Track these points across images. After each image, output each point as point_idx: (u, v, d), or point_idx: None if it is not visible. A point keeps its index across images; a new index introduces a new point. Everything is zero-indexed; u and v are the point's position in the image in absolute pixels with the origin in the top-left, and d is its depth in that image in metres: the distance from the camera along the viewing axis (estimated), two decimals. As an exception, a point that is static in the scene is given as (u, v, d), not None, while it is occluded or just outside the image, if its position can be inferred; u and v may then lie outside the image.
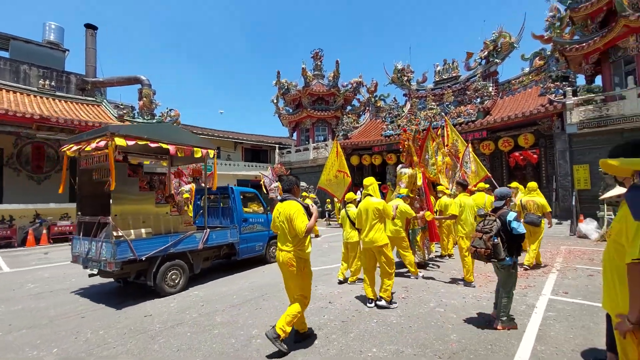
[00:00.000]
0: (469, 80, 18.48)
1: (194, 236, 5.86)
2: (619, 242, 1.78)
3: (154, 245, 5.23)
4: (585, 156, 12.47)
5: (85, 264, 5.44)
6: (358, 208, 4.92)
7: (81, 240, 5.52)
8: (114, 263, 4.73)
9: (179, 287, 5.53)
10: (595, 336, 3.36)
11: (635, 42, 11.45)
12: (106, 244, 4.90)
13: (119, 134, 4.86)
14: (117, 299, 5.15)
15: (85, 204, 6.01)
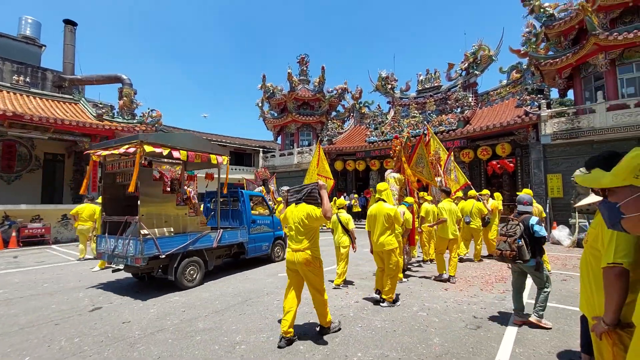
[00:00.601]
0: (450, 90, 19.06)
1: (209, 235, 6.44)
2: (595, 248, 1.89)
3: (175, 243, 5.77)
4: (559, 166, 13.07)
5: (110, 260, 5.90)
6: (370, 211, 5.11)
7: (107, 238, 6.00)
8: (142, 258, 5.22)
9: (196, 281, 6.03)
10: (569, 338, 3.50)
11: (604, 59, 12.15)
12: (134, 241, 5.38)
13: (148, 142, 5.41)
14: (93, 305, 4.95)
15: (109, 205, 6.55)
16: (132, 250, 5.39)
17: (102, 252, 6.09)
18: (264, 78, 23.50)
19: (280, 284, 6.01)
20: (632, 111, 11.41)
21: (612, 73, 12.43)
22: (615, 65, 12.36)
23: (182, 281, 5.80)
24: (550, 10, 13.65)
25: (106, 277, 6.78)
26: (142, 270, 5.76)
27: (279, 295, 5.31)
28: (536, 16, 13.84)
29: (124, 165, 6.30)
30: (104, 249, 6.02)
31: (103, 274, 7.10)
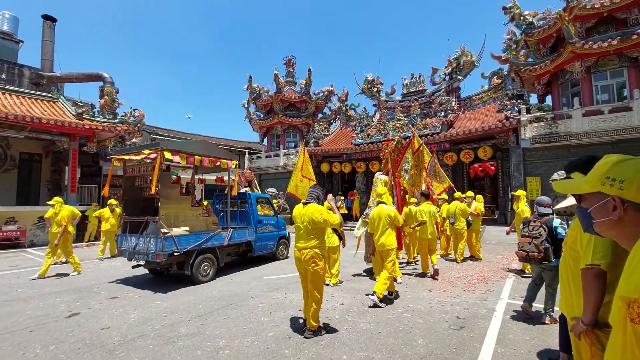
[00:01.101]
0: (434, 94, 19.41)
1: (220, 234, 6.93)
2: (574, 249, 1.95)
3: (191, 241, 6.28)
4: (537, 169, 13.49)
5: (130, 257, 6.42)
6: (372, 215, 5.36)
7: (127, 237, 6.45)
8: (162, 254, 5.72)
9: (209, 276, 6.54)
10: (548, 337, 3.61)
11: (581, 67, 12.65)
12: (155, 239, 5.88)
13: (167, 149, 6.00)
14: (70, 311, 4.77)
15: (129, 206, 7.11)
16: (153, 248, 5.89)
17: (123, 249, 6.53)
18: (250, 79, 23.35)
19: (266, 287, 5.96)
20: (607, 117, 11.91)
21: (588, 80, 12.96)
22: (591, 73, 12.89)
23: (198, 276, 6.32)
24: (530, 19, 14.12)
25: (83, 282, 6.56)
26: (161, 266, 6.27)
27: (264, 298, 5.26)
28: (516, 24, 14.29)
29: (144, 170, 6.96)
30: (125, 247, 6.47)
31: (76, 280, 6.86)
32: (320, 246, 3.83)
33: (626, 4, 11.96)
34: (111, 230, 9.46)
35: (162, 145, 6.00)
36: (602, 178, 1.03)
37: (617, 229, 1.04)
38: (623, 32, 11.85)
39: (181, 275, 6.67)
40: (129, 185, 7.39)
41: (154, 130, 23.40)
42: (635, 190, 0.97)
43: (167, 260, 5.93)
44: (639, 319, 0.87)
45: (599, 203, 1.06)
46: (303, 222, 3.88)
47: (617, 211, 1.01)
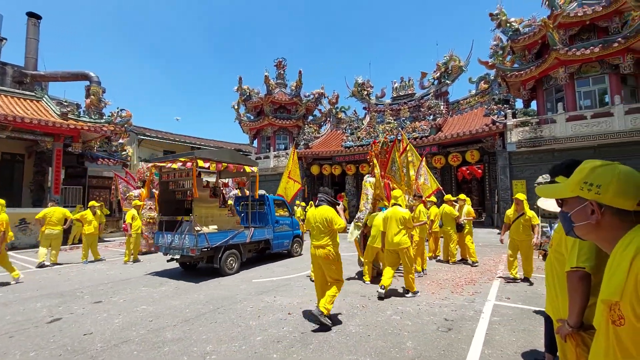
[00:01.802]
0: (423, 98, 19.68)
1: (244, 233, 7.82)
2: (559, 252, 1.98)
3: (220, 238, 7.15)
4: (523, 172, 13.77)
5: (166, 252, 7.34)
6: (385, 214, 5.73)
7: (164, 234, 7.39)
8: (196, 249, 6.58)
9: (234, 269, 7.43)
10: (534, 338, 3.66)
11: (564, 73, 13.00)
12: (190, 236, 6.75)
13: (200, 157, 6.94)
14: (51, 316, 4.62)
15: (164, 207, 8.08)
16: (188, 243, 6.76)
17: (160, 245, 7.40)
18: (240, 80, 23.21)
19: (254, 290, 5.90)
20: (589, 122, 12.26)
21: (571, 86, 13.32)
22: (574, 79, 13.26)
23: (225, 269, 7.17)
24: (516, 25, 14.45)
25: (66, 286, 6.38)
26: (195, 259, 7.18)
27: (253, 301, 5.21)
28: (503, 30, 14.61)
29: (179, 175, 8.00)
30: (161, 243, 7.37)
31: (59, 284, 6.67)
32: (332, 244, 4.24)
33: (607, 13, 12.37)
34: (94, 233, 9.21)
35: (196, 154, 6.99)
36: (580, 183, 1.05)
37: (595, 232, 1.07)
38: (604, 40, 12.23)
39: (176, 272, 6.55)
40: (164, 189, 8.34)
41: (142, 130, 23.03)
42: (612, 195, 0.99)
43: (199, 255, 6.79)
44: (620, 322, 0.88)
45: (578, 207, 1.09)
46: (316, 223, 4.30)
47: (595, 215, 1.03)
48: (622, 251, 0.95)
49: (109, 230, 16.16)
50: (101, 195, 16.23)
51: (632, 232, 0.96)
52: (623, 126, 11.68)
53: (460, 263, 8.22)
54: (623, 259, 0.92)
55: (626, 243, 0.95)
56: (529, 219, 6.10)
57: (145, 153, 22.92)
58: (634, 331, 0.86)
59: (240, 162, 8.08)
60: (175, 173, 7.99)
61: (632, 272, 0.87)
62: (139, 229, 9.32)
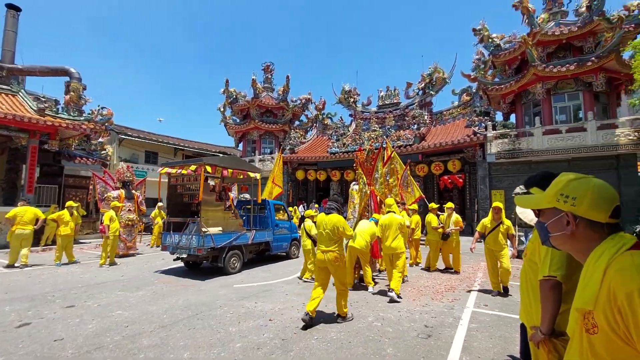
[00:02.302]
0: (408, 107, 20.07)
1: (246, 235, 8.33)
2: (533, 261, 2.06)
3: (224, 239, 7.66)
4: (501, 182, 14.21)
5: (173, 251, 7.72)
6: (382, 221, 6.00)
7: (171, 234, 7.81)
8: (203, 249, 7.08)
9: (237, 269, 7.90)
10: (510, 345, 3.76)
11: (542, 88, 13.56)
12: (196, 236, 7.24)
13: (208, 164, 7.52)
14: (20, 321, 4.40)
15: (172, 209, 8.66)
16: (194, 243, 7.25)
17: (167, 244, 7.84)
18: (227, 83, 23.04)
19: (235, 296, 5.81)
20: (564, 136, 12.80)
21: (548, 101, 13.90)
22: (551, 95, 13.85)
23: (228, 268, 7.65)
24: (497, 41, 15.02)
25: (37, 289, 6.10)
26: (200, 259, 7.63)
27: (233, 307, 5.13)
28: (485, 45, 15.14)
29: (187, 180, 8.54)
30: (169, 243, 7.81)
31: (30, 287, 6.37)
32: (339, 249, 4.51)
33: (582, 34, 13.03)
34: (70, 234, 8.87)
35: (205, 161, 7.62)
36: (557, 194, 1.10)
37: (570, 243, 1.11)
38: (579, 58, 12.86)
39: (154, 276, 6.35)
40: (172, 192, 8.81)
41: (123, 130, 22.43)
42: (586, 207, 1.04)
43: (205, 254, 7.27)
44: (594, 330, 0.92)
45: (554, 218, 1.13)
46: (325, 229, 4.52)
47: (570, 226, 1.08)
48: (594, 262, 0.99)
49: (85, 231, 15.58)
50: (78, 195, 15.66)
51: (604, 244, 1.01)
52: (595, 141, 12.26)
53: (437, 271, 8.19)
54: (596, 270, 0.96)
55: (599, 254, 0.99)
56: (507, 228, 6.07)
57: (126, 153, 22.30)
58: (606, 339, 0.89)
59: (244, 168, 8.78)
60: (184, 177, 8.47)
61: (604, 283, 0.91)
62: (116, 231, 9.03)
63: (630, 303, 0.83)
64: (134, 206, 11.28)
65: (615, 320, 0.86)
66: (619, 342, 0.87)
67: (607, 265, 0.93)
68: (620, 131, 11.99)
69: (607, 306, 0.89)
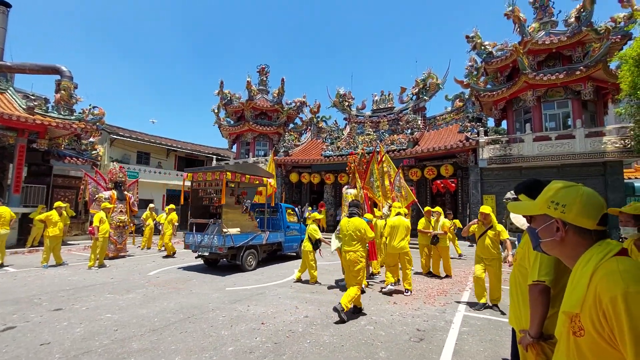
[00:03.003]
0: (401, 112, 20.24)
1: (260, 235, 9.13)
2: (523, 266, 2.10)
3: (242, 239, 8.46)
4: (493, 187, 14.39)
5: (195, 250, 8.59)
6: (391, 222, 6.44)
7: (194, 234, 8.66)
8: (224, 248, 7.89)
9: (253, 267, 8.70)
10: (500, 348, 3.80)
11: (532, 96, 13.81)
12: (218, 236, 8.08)
13: (228, 170, 8.44)
14: (4, 325, 4.30)
15: (194, 211, 9.43)
16: (216, 242, 8.06)
17: (190, 243, 8.68)
18: (221, 84, 22.93)
19: (227, 299, 5.76)
20: (553, 143, 13.04)
21: (538, 108, 14.16)
22: (541, 102, 14.11)
23: (245, 265, 8.47)
24: (490, 49, 15.27)
25: (23, 292, 5.96)
26: (221, 256, 8.44)
27: (225, 310, 5.08)
28: (478, 52, 15.38)
29: (208, 185, 9.36)
30: (191, 242, 8.64)
31: (15, 290, 6.23)
32: (361, 250, 5.05)
33: (571, 43, 13.33)
34: (58, 235, 8.70)
35: (226, 168, 8.53)
36: (548, 202, 1.13)
37: (559, 248, 1.14)
38: (569, 67, 13.15)
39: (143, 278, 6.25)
40: (195, 196, 9.65)
41: (115, 130, 22.15)
42: (575, 214, 1.07)
43: (225, 252, 8.03)
44: (580, 332, 0.95)
45: (544, 224, 1.16)
46: (348, 231, 5.07)
47: (560, 232, 1.11)
48: (582, 267, 1.03)
49: (74, 232, 15.30)
50: (67, 195, 15.38)
51: (591, 250, 1.04)
52: (583, 148, 12.51)
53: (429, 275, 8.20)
54: (583, 275, 1.00)
55: (586, 260, 1.03)
56: (498, 234, 5.45)
57: (117, 153, 22.01)
58: (592, 342, 0.92)
59: (260, 175, 9.69)
60: (206, 182, 9.15)
61: (591, 287, 0.94)
62: (106, 233, 8.89)
63: (614, 307, 0.86)
64: (126, 207, 11.13)
65: (600, 323, 0.90)
66: (604, 345, 0.90)
67: (594, 271, 0.97)
68: (607, 139, 12.26)
69: (592, 310, 0.92)
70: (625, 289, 0.86)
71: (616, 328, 0.85)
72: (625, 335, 0.82)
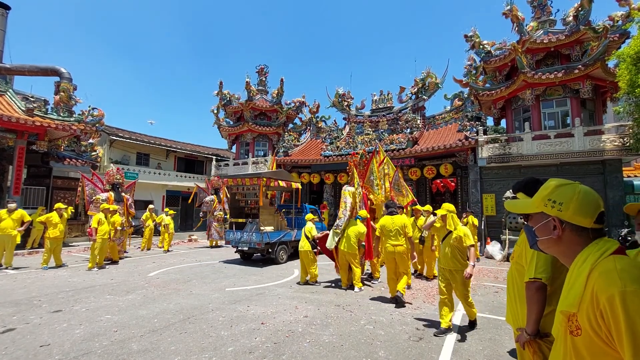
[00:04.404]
0: (401, 111, 20.24)
1: (290, 233, 10.42)
2: (520, 263, 2.10)
3: (276, 236, 9.83)
4: (492, 186, 14.39)
5: (235, 245, 9.97)
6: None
7: (234, 232, 10.03)
8: (262, 243, 9.22)
9: (284, 260, 10.07)
10: (499, 347, 3.81)
11: (531, 94, 13.81)
12: (256, 233, 9.41)
13: (265, 176, 9.77)
14: (4, 326, 4.30)
15: (232, 212, 11.10)
16: (255, 239, 9.37)
17: (230, 240, 10.10)
18: (220, 85, 22.94)
19: (227, 299, 5.77)
20: (552, 141, 13.04)
21: (537, 107, 14.16)
22: (540, 101, 14.10)
23: (278, 259, 9.81)
24: (488, 48, 15.26)
25: (22, 294, 5.97)
26: (259, 251, 9.72)
27: (225, 311, 5.09)
28: (476, 51, 15.37)
29: (245, 189, 10.62)
30: (231, 239, 10.02)
31: (15, 292, 6.23)
32: (406, 244, 5.69)
33: (569, 42, 13.33)
34: (59, 237, 8.70)
35: (264, 175, 9.87)
36: (545, 200, 1.13)
37: (556, 246, 1.14)
38: (567, 66, 13.15)
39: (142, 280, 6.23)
40: (232, 198, 11.26)
41: (114, 131, 22.16)
42: (572, 212, 1.07)
43: (263, 247, 9.32)
44: (577, 332, 0.95)
45: (542, 222, 1.16)
46: (394, 227, 5.70)
47: (557, 230, 1.11)
48: (579, 266, 1.02)
49: (74, 234, 15.30)
50: (67, 197, 15.38)
51: (589, 249, 1.04)
52: (582, 147, 12.51)
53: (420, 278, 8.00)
54: (580, 274, 0.99)
55: (583, 258, 1.03)
56: (459, 239, 4.23)
57: (117, 154, 22.01)
58: (589, 341, 0.92)
59: (290, 180, 11.10)
60: (244, 187, 10.44)
61: (588, 287, 0.94)
62: (105, 234, 8.89)
63: (611, 306, 0.86)
64: (124, 209, 11.13)
65: (597, 322, 0.89)
66: (601, 344, 0.90)
67: (591, 269, 0.96)
68: (606, 137, 12.26)
69: (590, 309, 0.91)
70: (622, 288, 0.85)
71: (613, 327, 0.85)
72: (623, 334, 0.82)
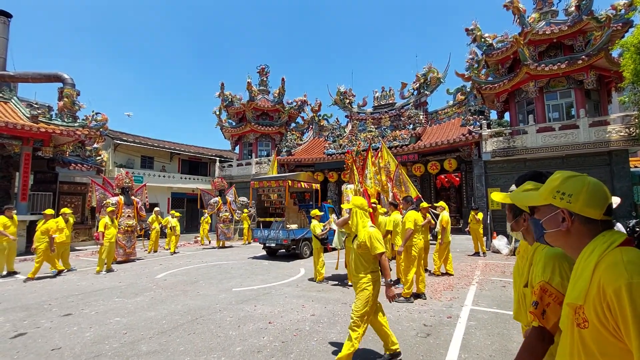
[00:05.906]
0: (403, 107, 20.16)
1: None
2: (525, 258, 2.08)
3: (300, 233, 10.66)
4: (497, 180, 14.29)
5: (263, 242, 10.82)
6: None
7: (261, 230, 10.97)
8: (288, 240, 10.10)
9: (307, 255, 10.83)
10: (507, 341, 3.79)
11: (534, 87, 13.68)
12: (283, 231, 10.32)
13: (290, 179, 10.67)
14: (16, 331, 4.36)
15: (259, 211, 12.12)
16: (281, 236, 10.28)
17: (258, 237, 11.01)
18: (222, 86, 22.98)
19: (234, 300, 5.80)
20: (557, 133, 12.92)
21: (541, 99, 14.02)
22: (543, 93, 13.97)
23: (302, 254, 10.67)
24: (490, 40, 15.12)
25: (32, 298, 6.05)
26: (284, 247, 10.59)
27: (232, 311, 5.12)
28: (478, 45, 15.24)
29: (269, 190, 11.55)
30: (259, 236, 10.95)
31: (25, 296, 6.32)
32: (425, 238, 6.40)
33: (572, 32, 13.17)
34: (66, 242, 8.78)
35: (288, 177, 10.83)
36: (553, 192, 1.11)
37: (564, 239, 1.12)
38: (570, 57, 12.99)
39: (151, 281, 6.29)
40: (259, 199, 12.14)
41: (118, 135, 22.31)
42: (581, 204, 1.05)
43: (289, 244, 10.17)
44: (584, 324, 0.94)
45: (550, 215, 1.14)
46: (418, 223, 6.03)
47: (566, 223, 1.09)
48: (586, 258, 1.01)
49: (81, 238, 15.46)
50: (73, 202, 15.53)
51: (595, 241, 1.03)
52: (587, 138, 12.38)
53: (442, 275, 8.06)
54: (587, 266, 0.98)
55: (590, 250, 1.01)
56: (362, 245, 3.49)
57: (121, 158, 22.17)
58: (596, 333, 0.91)
59: (311, 181, 12.04)
60: (269, 189, 11.31)
61: (594, 279, 0.93)
62: (112, 237, 8.97)
63: (618, 298, 0.85)
64: (134, 212, 11.23)
65: (604, 315, 0.89)
66: (608, 336, 0.89)
67: (598, 262, 0.95)
68: (611, 128, 12.12)
69: (596, 301, 0.91)
70: (629, 279, 0.85)
71: (620, 319, 0.84)
72: (630, 326, 0.82)
